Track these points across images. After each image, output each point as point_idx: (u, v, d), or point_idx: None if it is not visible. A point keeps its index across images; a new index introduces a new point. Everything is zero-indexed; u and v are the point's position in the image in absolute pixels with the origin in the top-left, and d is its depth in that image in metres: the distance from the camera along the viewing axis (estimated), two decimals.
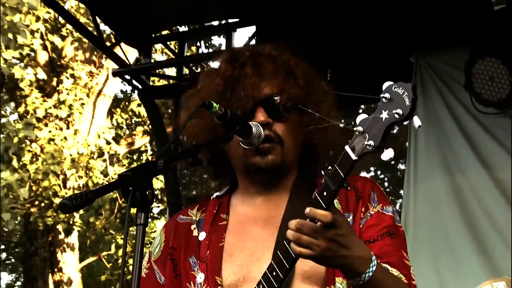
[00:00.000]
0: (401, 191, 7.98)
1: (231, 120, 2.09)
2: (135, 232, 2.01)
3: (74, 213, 11.77)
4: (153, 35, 6.40)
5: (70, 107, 12.75)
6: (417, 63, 5.55)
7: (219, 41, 15.00)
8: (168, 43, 6.83)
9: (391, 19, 5.24)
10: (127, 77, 6.53)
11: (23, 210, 12.41)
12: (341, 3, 5.33)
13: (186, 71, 6.33)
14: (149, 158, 14.68)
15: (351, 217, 2.15)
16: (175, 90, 6.81)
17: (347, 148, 1.77)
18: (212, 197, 2.33)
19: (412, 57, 5.57)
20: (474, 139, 5.22)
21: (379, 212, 2.15)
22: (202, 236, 2.22)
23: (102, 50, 7.10)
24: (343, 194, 2.16)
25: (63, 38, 12.88)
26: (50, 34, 12.78)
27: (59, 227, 12.70)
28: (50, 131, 12.40)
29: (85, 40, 12.13)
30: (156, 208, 15.83)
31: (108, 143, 13.21)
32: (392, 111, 1.70)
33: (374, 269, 1.88)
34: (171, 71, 7.00)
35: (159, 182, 11.87)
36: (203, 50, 13.30)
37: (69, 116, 12.78)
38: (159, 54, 11.90)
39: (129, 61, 6.39)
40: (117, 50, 6.41)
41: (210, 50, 14.23)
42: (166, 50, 10.11)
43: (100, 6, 5.92)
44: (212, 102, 2.01)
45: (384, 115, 1.71)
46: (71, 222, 12.50)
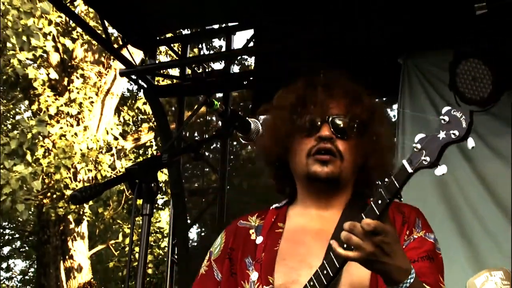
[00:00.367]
0: None
1: (231, 117, 2.08)
2: (141, 222, 2.01)
3: (84, 204, 11.77)
4: (158, 38, 6.40)
5: (80, 105, 12.74)
6: (405, 64, 5.56)
7: (219, 43, 15.00)
8: (172, 45, 6.81)
9: (391, 19, 5.17)
10: (134, 77, 6.53)
11: (36, 201, 12.40)
12: (341, 3, 5.25)
13: (189, 71, 6.32)
14: (154, 153, 14.69)
15: None
16: (178, 89, 6.81)
17: (404, 162, 1.83)
18: (271, 208, 2.37)
19: (400, 59, 5.58)
20: None
21: (422, 237, 2.18)
22: (259, 240, 2.26)
23: (110, 52, 7.09)
24: (392, 216, 2.16)
25: (74, 41, 12.86)
26: (62, 37, 12.76)
27: (70, 217, 12.70)
28: (62, 128, 12.39)
29: (94, 42, 12.13)
30: (161, 200, 15.84)
31: (116, 139, 13.21)
32: (450, 132, 1.78)
33: (412, 281, 1.90)
34: (175, 71, 6.98)
35: (163, 175, 11.87)
36: (204, 52, 13.34)
37: (79, 114, 12.78)
38: (163, 56, 11.89)
39: (135, 62, 6.38)
40: (124, 52, 6.40)
41: (211, 52, 14.24)
42: (170, 52, 10.12)
43: (109, 11, 5.92)
44: (214, 100, 2.01)
45: (442, 135, 1.79)
46: (81, 213, 12.50)
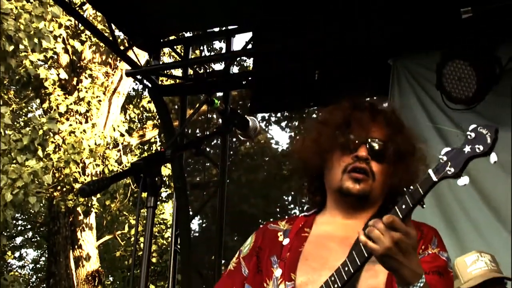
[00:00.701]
0: None
1: (231, 115, 2.07)
2: (146, 214, 2.01)
3: (92, 197, 11.77)
4: (162, 40, 6.38)
5: (89, 104, 12.72)
6: (395, 65, 5.55)
7: (220, 45, 14.98)
8: (175, 47, 6.81)
9: (391, 19, 5.10)
10: (139, 77, 6.52)
11: (47, 194, 12.38)
12: (341, 3, 5.15)
13: (191, 72, 6.31)
14: (158, 149, 14.65)
15: None
16: (181, 89, 6.80)
17: (430, 171, 1.87)
18: (301, 215, 2.41)
19: (390, 60, 5.57)
20: (445, 132, 5.21)
21: (436, 254, 2.19)
22: (286, 241, 2.29)
23: (117, 53, 7.08)
24: None
25: (83, 43, 12.83)
26: (71, 39, 12.73)
27: (79, 209, 12.68)
28: (71, 125, 12.37)
29: (102, 44, 12.10)
30: (164, 193, 15.82)
31: (122, 135, 13.18)
32: (475, 146, 1.84)
33: (422, 286, 1.92)
34: (177, 72, 6.97)
35: (167, 170, 11.85)
36: (205, 53, 13.33)
37: (88, 112, 12.75)
38: (167, 57, 11.85)
39: (141, 63, 6.37)
40: (130, 53, 6.38)
41: (212, 53, 14.22)
42: (173, 53, 10.09)
43: (115, 15, 5.91)
44: (214, 99, 2.01)
45: (467, 149, 1.85)
46: (90, 205, 12.50)
